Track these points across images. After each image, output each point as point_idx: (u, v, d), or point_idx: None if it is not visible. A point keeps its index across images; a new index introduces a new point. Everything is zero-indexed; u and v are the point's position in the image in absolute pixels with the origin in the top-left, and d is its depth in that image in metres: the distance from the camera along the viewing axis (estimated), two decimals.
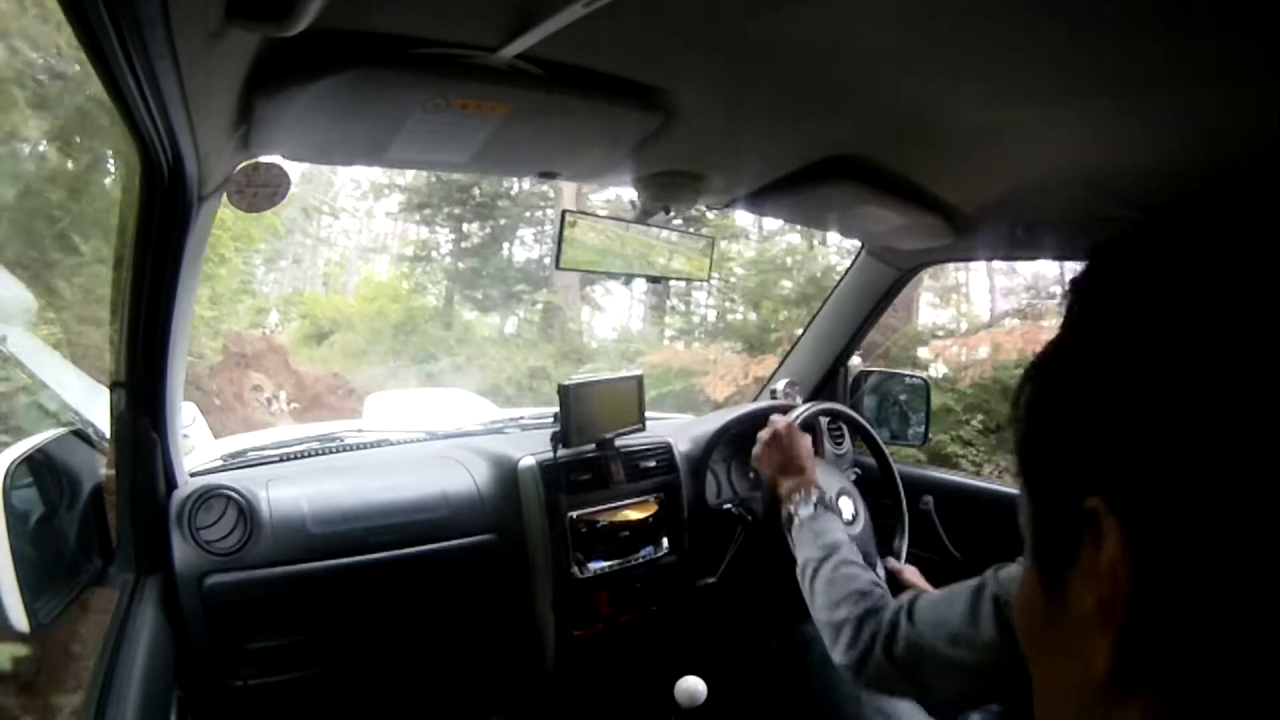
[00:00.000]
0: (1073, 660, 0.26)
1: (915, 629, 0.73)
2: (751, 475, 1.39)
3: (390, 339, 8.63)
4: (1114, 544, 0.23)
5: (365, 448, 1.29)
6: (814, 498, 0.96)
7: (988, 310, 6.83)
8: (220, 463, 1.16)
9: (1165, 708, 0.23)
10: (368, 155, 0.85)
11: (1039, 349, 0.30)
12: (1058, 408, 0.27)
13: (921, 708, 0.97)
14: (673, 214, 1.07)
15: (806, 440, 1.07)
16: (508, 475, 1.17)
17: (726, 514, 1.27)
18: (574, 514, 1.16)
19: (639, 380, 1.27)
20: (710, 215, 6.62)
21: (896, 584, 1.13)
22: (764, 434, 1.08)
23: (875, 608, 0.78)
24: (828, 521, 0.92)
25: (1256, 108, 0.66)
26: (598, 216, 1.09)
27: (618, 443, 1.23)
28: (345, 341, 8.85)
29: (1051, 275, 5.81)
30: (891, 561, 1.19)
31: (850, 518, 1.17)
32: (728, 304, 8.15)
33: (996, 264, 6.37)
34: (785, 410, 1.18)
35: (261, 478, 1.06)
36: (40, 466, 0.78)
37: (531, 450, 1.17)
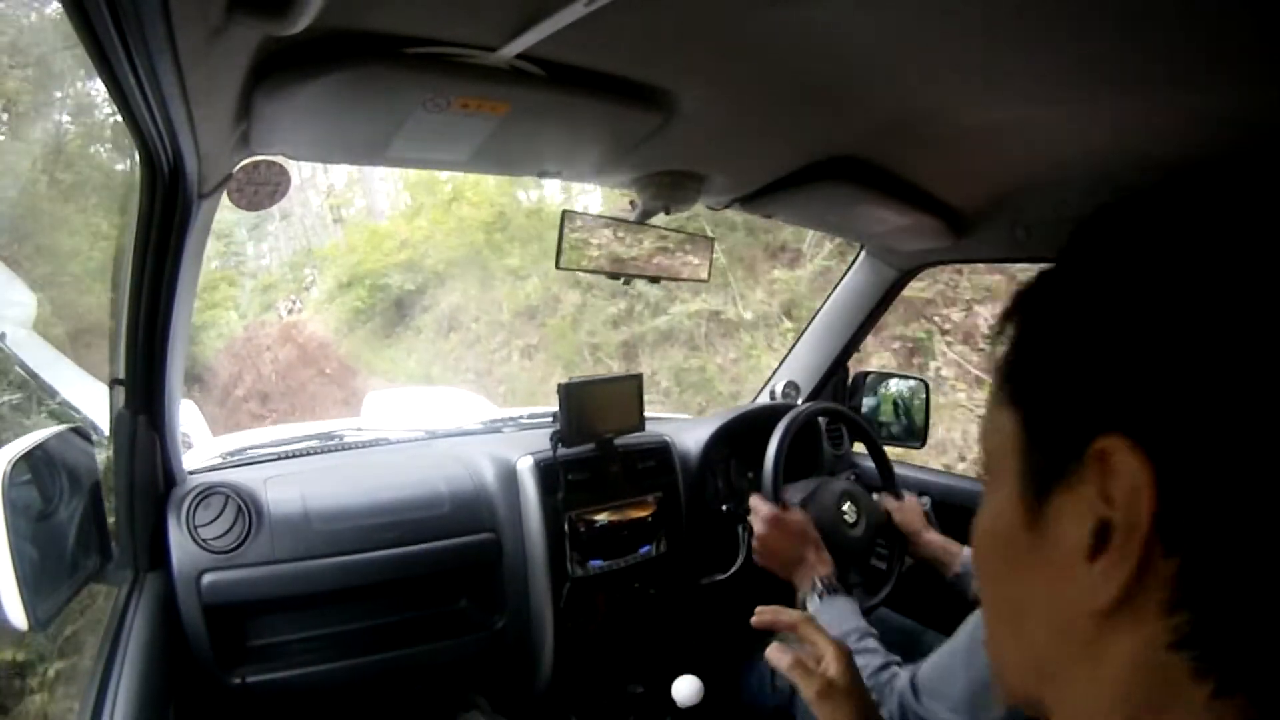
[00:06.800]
0: (1059, 587, 0.26)
1: (923, 705, 0.79)
2: (750, 476, 1.39)
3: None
4: (1135, 479, 0.23)
5: (364, 446, 1.30)
6: (817, 589, 0.98)
7: None
8: (219, 460, 1.17)
9: (1180, 629, 0.23)
10: (368, 154, 0.85)
11: None
12: (1060, 342, 0.26)
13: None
14: (673, 214, 1.07)
15: (794, 521, 1.06)
16: (507, 474, 1.17)
17: (725, 514, 1.27)
18: (573, 513, 1.16)
19: (639, 380, 1.27)
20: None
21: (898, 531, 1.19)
22: (757, 528, 1.07)
23: (883, 691, 0.83)
24: (833, 611, 0.95)
25: (1258, 107, 0.66)
26: (598, 216, 1.09)
27: (617, 442, 1.23)
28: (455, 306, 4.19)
29: None
30: (889, 500, 1.22)
31: (853, 521, 1.17)
32: None
33: None
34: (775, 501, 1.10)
35: (261, 476, 1.06)
36: (39, 463, 0.78)
37: (530, 449, 1.17)
